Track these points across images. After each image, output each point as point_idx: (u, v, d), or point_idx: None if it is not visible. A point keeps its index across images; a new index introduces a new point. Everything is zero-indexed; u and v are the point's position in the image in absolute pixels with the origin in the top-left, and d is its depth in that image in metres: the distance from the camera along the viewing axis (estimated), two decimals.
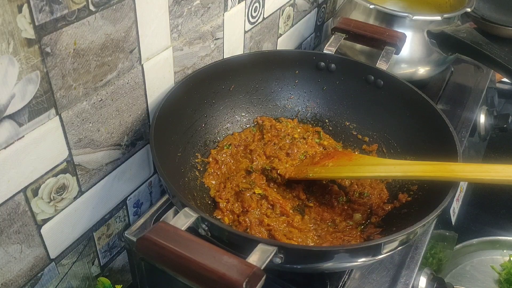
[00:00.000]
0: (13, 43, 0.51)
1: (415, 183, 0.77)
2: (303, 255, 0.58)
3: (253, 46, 1.02)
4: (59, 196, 0.68)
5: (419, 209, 0.72)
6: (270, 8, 1.02)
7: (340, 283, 0.71)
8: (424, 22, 1.06)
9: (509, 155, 1.42)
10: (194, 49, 0.83)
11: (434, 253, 0.91)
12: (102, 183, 0.75)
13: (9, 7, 0.49)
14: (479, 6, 1.52)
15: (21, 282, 0.68)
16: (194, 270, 0.49)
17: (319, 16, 1.28)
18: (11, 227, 0.62)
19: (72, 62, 0.60)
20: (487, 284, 1.14)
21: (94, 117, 0.68)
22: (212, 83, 0.86)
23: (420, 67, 1.10)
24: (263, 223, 0.73)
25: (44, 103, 0.59)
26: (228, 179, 0.81)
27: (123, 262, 0.89)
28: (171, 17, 0.74)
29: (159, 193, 0.91)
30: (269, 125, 0.90)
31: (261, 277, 0.49)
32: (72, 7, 0.56)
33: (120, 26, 0.65)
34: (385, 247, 0.59)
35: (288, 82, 0.94)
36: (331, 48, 0.92)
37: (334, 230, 0.75)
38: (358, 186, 0.82)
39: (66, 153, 0.66)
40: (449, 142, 0.73)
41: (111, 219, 0.81)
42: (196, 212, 0.57)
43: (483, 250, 1.20)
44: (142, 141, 0.80)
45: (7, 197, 0.60)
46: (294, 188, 0.82)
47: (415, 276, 0.73)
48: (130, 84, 0.72)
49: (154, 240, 0.51)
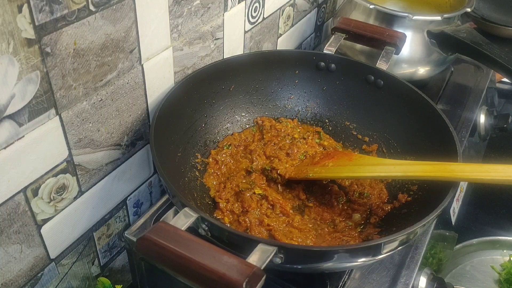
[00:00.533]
0: (13, 43, 0.51)
1: (415, 183, 0.77)
2: (303, 255, 0.58)
3: (253, 46, 1.02)
4: (59, 196, 0.68)
5: (419, 209, 0.72)
6: (270, 8, 1.02)
7: (340, 283, 0.71)
8: (424, 22, 1.06)
9: (509, 155, 1.42)
10: (194, 49, 0.83)
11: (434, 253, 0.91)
12: (102, 183, 0.75)
13: (9, 7, 0.49)
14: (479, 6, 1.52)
15: (21, 282, 0.68)
16: (194, 270, 0.49)
17: (319, 16, 1.28)
18: (11, 227, 0.62)
19: (72, 62, 0.60)
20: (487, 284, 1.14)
21: (94, 117, 0.68)
22: (212, 83, 0.86)
23: (420, 67, 1.10)
24: (263, 223, 0.73)
25: (44, 103, 0.59)
26: (228, 179, 0.81)
27: (123, 262, 0.89)
28: (171, 17, 0.74)
29: (159, 193, 0.91)
30: (269, 125, 0.90)
31: (261, 277, 0.49)
32: (72, 7, 0.56)
33: (120, 26, 0.65)
34: (385, 247, 0.59)
35: (288, 82, 0.94)
36: (331, 48, 0.92)
37: (333, 230, 0.75)
38: (358, 186, 0.82)
39: (66, 153, 0.66)
40: (449, 142, 0.73)
41: (111, 219, 0.81)
42: (196, 212, 0.57)
43: (483, 250, 1.20)
44: (142, 141, 0.80)
45: (7, 197, 0.60)
46: (294, 188, 0.82)
47: (415, 276, 0.73)
48: (130, 84, 0.72)
49: (154, 240, 0.51)
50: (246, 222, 0.73)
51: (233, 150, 0.86)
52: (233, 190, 0.78)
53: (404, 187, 0.79)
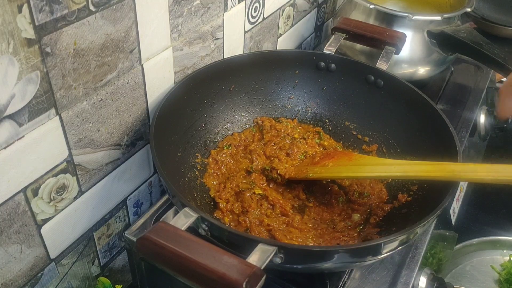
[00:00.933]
0: (13, 43, 0.51)
1: (415, 183, 0.77)
2: (303, 255, 0.58)
3: (253, 46, 1.02)
4: (59, 196, 0.68)
5: (419, 209, 0.72)
6: (270, 8, 1.02)
7: (340, 283, 0.71)
8: (424, 22, 1.06)
9: (509, 155, 1.42)
10: (194, 49, 0.83)
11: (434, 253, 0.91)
12: (102, 183, 0.75)
13: (9, 7, 0.49)
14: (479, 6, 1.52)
15: (21, 282, 0.68)
16: (194, 270, 0.49)
17: (319, 16, 1.28)
18: (11, 227, 0.62)
19: (72, 62, 0.60)
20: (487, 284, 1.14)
21: (94, 117, 0.68)
22: (212, 83, 0.86)
23: (420, 67, 1.10)
24: (263, 223, 0.73)
25: (44, 103, 0.59)
26: (228, 179, 0.81)
27: (123, 262, 0.89)
28: (171, 17, 0.74)
29: (159, 193, 0.91)
30: (269, 125, 0.90)
31: (261, 277, 0.49)
32: (72, 7, 0.56)
33: (120, 26, 0.65)
34: (385, 247, 0.59)
35: (288, 82, 0.94)
36: (331, 48, 0.92)
37: (333, 230, 0.75)
38: (358, 186, 0.82)
39: (66, 153, 0.66)
40: (449, 142, 0.73)
41: (111, 219, 0.81)
42: (196, 212, 0.57)
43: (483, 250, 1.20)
44: (142, 141, 0.80)
45: (7, 197, 0.60)
46: (294, 188, 0.82)
47: (415, 276, 0.73)
48: (130, 84, 0.72)
49: (154, 240, 0.51)
50: (246, 222, 0.73)
51: (233, 150, 0.86)
52: (233, 190, 0.78)
53: (404, 187, 0.79)
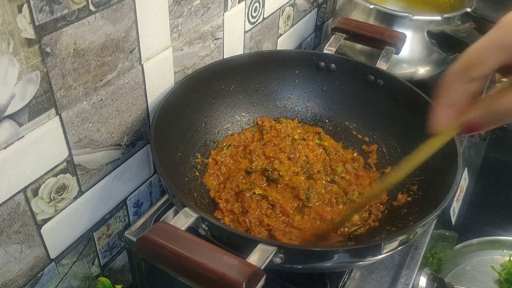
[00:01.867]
0: (13, 43, 0.51)
1: (415, 183, 0.77)
2: (303, 255, 0.58)
3: (253, 46, 1.02)
4: (59, 196, 0.68)
5: (419, 209, 0.72)
6: (270, 8, 1.02)
7: (340, 283, 0.71)
8: (424, 22, 1.06)
9: (509, 155, 1.42)
10: (194, 49, 0.83)
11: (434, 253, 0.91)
12: (102, 183, 0.75)
13: (9, 7, 0.49)
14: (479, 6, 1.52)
15: (21, 282, 0.68)
16: (194, 270, 0.49)
17: (319, 16, 1.28)
18: (11, 227, 0.62)
19: (72, 62, 0.60)
20: (487, 284, 1.14)
21: (94, 117, 0.68)
22: (212, 83, 0.86)
23: (420, 67, 1.10)
24: (263, 223, 0.73)
25: (44, 103, 0.59)
26: (228, 180, 0.81)
27: (123, 262, 0.89)
28: (171, 17, 0.74)
29: (159, 193, 0.91)
30: (269, 125, 0.90)
31: (261, 277, 0.49)
32: (72, 7, 0.56)
33: (120, 26, 0.65)
34: (385, 247, 0.59)
35: (288, 82, 0.94)
36: (331, 48, 0.92)
37: None
38: (357, 186, 0.82)
39: (66, 153, 0.66)
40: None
41: (111, 219, 0.81)
42: (196, 212, 0.57)
43: (483, 250, 1.21)
44: (142, 141, 0.80)
45: (7, 197, 0.60)
46: (294, 188, 0.82)
47: (415, 276, 0.73)
48: (130, 84, 0.72)
49: (154, 240, 0.51)
50: (246, 222, 0.73)
51: (233, 150, 0.86)
52: (233, 190, 0.78)
53: (404, 187, 0.79)
